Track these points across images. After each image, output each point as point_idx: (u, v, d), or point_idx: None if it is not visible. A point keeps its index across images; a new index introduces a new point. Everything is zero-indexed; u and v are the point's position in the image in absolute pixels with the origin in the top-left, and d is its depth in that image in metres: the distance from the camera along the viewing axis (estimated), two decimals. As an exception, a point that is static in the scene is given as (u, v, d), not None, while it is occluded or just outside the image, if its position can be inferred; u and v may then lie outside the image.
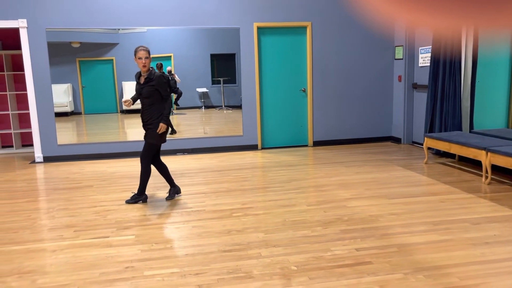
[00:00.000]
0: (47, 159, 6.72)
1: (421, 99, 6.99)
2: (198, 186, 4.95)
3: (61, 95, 6.71)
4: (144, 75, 4.18)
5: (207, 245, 3.25)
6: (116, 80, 6.84)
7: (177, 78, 6.99)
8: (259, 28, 7.01)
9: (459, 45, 5.84)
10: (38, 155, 6.69)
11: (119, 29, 6.63)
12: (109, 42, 6.67)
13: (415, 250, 3.05)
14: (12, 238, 3.52)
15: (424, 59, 6.80)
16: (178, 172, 5.68)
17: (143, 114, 4.23)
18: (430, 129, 6.41)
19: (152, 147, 4.24)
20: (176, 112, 7.17)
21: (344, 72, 7.38)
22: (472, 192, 4.45)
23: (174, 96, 7.10)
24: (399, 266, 2.81)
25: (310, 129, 7.39)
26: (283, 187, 4.81)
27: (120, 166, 6.17)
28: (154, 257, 3.06)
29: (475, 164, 5.68)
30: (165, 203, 4.33)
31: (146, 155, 4.25)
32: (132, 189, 4.89)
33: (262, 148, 7.28)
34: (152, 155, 4.30)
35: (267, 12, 6.94)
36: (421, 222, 3.61)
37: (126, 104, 4.15)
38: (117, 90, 6.88)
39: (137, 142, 6.92)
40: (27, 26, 6.39)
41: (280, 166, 5.90)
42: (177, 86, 7.05)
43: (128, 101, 4.19)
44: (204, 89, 7.11)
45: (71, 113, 6.82)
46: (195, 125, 7.15)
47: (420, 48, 6.91)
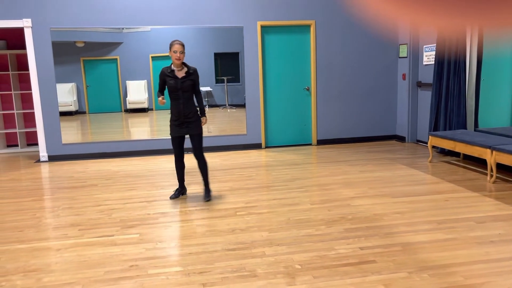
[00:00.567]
0: (52, 158, 6.75)
1: (426, 98, 6.96)
2: (202, 185, 4.96)
3: (66, 95, 6.73)
4: (180, 69, 4.16)
5: (211, 244, 3.25)
6: (120, 79, 6.86)
7: (181, 77, 7.00)
8: (263, 27, 7.00)
9: (464, 43, 5.81)
10: (43, 154, 6.72)
11: (123, 28, 6.64)
12: (113, 42, 6.68)
13: (420, 249, 3.05)
14: (18, 237, 3.54)
15: (429, 57, 6.77)
16: (182, 171, 5.69)
17: (184, 108, 4.19)
18: (435, 128, 6.38)
19: (202, 138, 4.33)
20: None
21: (348, 71, 7.36)
22: (477, 191, 4.43)
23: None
24: (404, 265, 2.81)
25: (314, 128, 7.38)
26: (287, 186, 4.81)
27: (125, 165, 6.19)
28: (159, 256, 3.07)
29: (480, 163, 5.66)
30: (169, 202, 4.34)
31: (202, 148, 4.32)
32: (134, 188, 4.91)
33: (266, 147, 7.28)
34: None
35: (271, 11, 6.93)
36: (426, 221, 3.60)
37: (164, 103, 4.14)
38: (121, 89, 6.90)
39: (141, 141, 6.94)
40: (32, 26, 6.41)
41: (284, 165, 5.89)
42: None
43: (163, 98, 4.14)
44: (208, 88, 7.11)
45: (76, 112, 6.85)
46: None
47: (425, 46, 6.88)
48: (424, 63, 6.92)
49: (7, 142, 7.92)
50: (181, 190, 4.51)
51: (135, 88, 6.92)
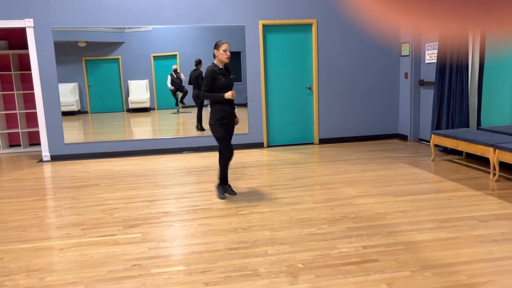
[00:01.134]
0: (54, 158, 6.77)
1: (428, 96, 6.95)
2: (204, 184, 4.96)
3: (68, 94, 6.74)
4: (222, 68, 4.19)
5: (214, 243, 3.25)
6: (122, 79, 6.86)
7: (183, 77, 7.00)
8: (265, 26, 6.99)
9: (466, 42, 5.79)
10: (45, 154, 6.74)
11: (125, 28, 6.64)
12: (115, 41, 6.69)
13: (422, 248, 3.04)
14: (20, 237, 3.55)
15: (431, 56, 6.75)
16: (184, 171, 5.69)
17: (230, 106, 4.21)
18: (437, 126, 6.36)
19: None
20: (182, 111, 7.18)
21: (350, 69, 7.35)
22: (480, 189, 4.41)
23: (180, 95, 7.12)
24: (406, 264, 2.80)
25: (316, 127, 7.38)
26: (289, 185, 4.81)
27: (127, 165, 6.20)
28: (161, 255, 3.07)
29: (483, 161, 5.64)
30: (172, 201, 4.34)
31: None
32: (137, 187, 4.91)
33: (268, 146, 7.28)
34: None
35: (272, 10, 6.92)
36: (428, 220, 3.59)
37: (235, 95, 4.12)
38: (123, 89, 6.91)
39: (143, 141, 6.94)
40: (34, 26, 6.42)
41: (286, 164, 5.89)
42: (183, 85, 7.06)
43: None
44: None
45: (78, 112, 6.86)
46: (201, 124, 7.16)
47: (427, 45, 6.87)
48: (426, 62, 6.91)
49: (10, 142, 7.93)
50: (224, 187, 4.50)
51: (137, 88, 6.93)
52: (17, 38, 7.68)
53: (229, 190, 4.49)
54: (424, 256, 2.91)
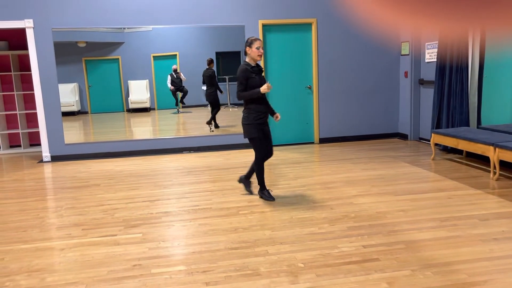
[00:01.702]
0: (55, 158, 6.77)
1: (428, 95, 6.94)
2: (205, 184, 4.96)
3: (68, 95, 6.75)
4: (255, 66, 4.02)
5: (214, 243, 3.25)
6: (122, 79, 6.86)
7: (183, 77, 7.01)
8: (264, 25, 6.99)
9: (466, 41, 5.78)
10: (46, 155, 6.74)
11: (125, 28, 6.65)
12: (115, 41, 6.69)
13: (423, 247, 3.04)
14: (21, 237, 3.55)
15: (431, 55, 6.75)
16: (185, 170, 5.70)
17: (265, 105, 4.07)
18: (437, 125, 6.36)
19: None
20: (182, 111, 7.18)
21: (350, 69, 7.35)
22: (480, 188, 4.41)
23: (180, 95, 7.12)
24: (407, 263, 2.80)
25: (316, 126, 7.38)
26: (290, 185, 4.81)
27: (127, 165, 6.20)
28: (162, 255, 3.07)
29: (483, 160, 5.64)
30: (172, 201, 4.34)
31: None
32: (137, 187, 4.91)
33: (268, 146, 7.27)
34: None
35: (272, 9, 6.92)
36: (429, 219, 3.59)
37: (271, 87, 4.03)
38: (123, 89, 6.91)
39: (144, 141, 6.95)
40: (34, 26, 6.42)
41: (286, 164, 5.89)
42: (183, 85, 7.06)
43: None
44: (210, 87, 7.11)
45: (78, 112, 6.86)
46: (201, 123, 7.16)
47: (427, 44, 6.86)
48: (426, 61, 6.91)
49: (10, 143, 7.94)
50: (249, 183, 4.47)
51: (137, 88, 6.93)
52: (17, 39, 7.68)
53: (266, 196, 4.23)
54: (425, 255, 2.91)
